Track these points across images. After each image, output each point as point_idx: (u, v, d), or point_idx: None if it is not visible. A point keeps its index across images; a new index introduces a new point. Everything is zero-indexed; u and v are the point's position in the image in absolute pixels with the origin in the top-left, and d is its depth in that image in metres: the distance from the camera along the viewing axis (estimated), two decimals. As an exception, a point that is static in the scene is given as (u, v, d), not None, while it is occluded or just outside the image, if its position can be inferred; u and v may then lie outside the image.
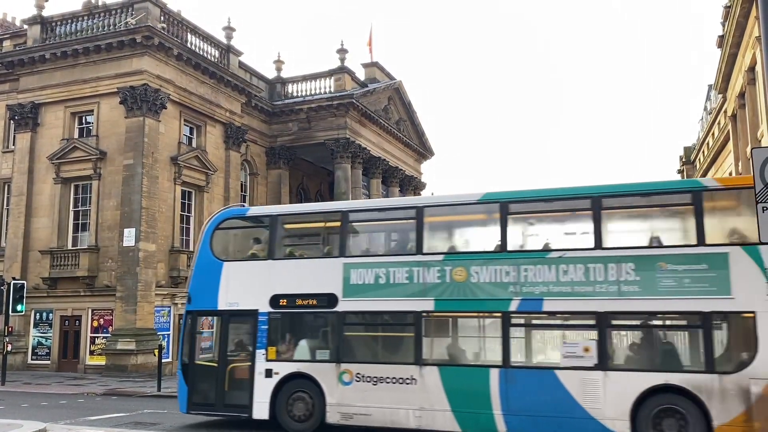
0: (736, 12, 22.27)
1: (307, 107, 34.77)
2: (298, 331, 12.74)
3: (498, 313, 11.29)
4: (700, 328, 10.20)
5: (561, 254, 11.06)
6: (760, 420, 9.60)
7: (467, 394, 11.16)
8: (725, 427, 9.73)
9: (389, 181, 41.09)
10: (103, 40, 25.86)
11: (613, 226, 11.55)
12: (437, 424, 11.21)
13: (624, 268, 10.60)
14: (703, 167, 39.44)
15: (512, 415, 10.81)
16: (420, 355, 11.57)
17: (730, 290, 10.02)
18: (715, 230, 10.60)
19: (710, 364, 9.99)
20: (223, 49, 30.77)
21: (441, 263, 11.72)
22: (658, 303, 10.47)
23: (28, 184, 27.00)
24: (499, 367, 11.04)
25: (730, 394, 9.75)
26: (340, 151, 34.37)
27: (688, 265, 10.27)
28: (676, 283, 10.29)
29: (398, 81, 41.05)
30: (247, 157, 33.39)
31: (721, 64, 27.17)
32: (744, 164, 25.97)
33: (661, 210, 11.76)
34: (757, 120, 23.72)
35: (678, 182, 11.00)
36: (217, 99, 29.76)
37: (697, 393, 9.89)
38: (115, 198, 25.30)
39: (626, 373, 10.49)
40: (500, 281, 11.27)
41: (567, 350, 10.87)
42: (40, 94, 27.31)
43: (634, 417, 10.18)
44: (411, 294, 11.77)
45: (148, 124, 25.47)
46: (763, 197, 6.96)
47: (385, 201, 17.06)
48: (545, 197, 12.20)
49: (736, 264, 10.04)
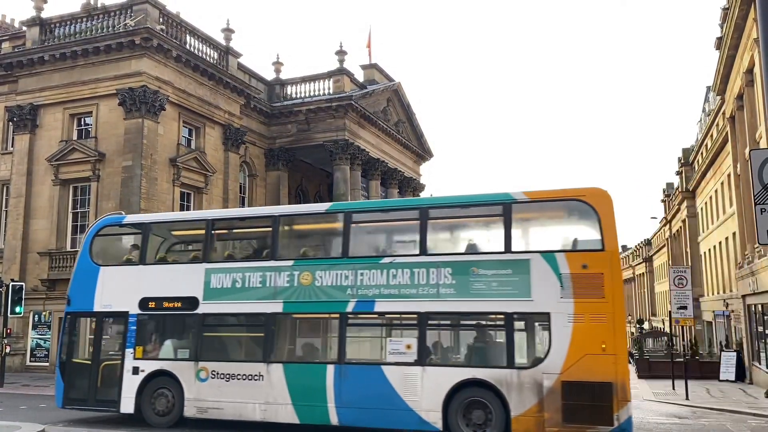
0: (735, 14, 22.29)
1: (306, 109, 34.77)
2: (163, 331, 13.66)
3: (336, 314, 12.24)
4: (503, 327, 11.21)
5: (391, 260, 12.18)
6: (549, 411, 10.57)
7: (306, 389, 12.07)
8: (520, 417, 10.69)
9: (388, 182, 41.09)
10: (102, 41, 25.86)
11: (436, 234, 12.71)
12: (279, 417, 12.16)
13: (443, 273, 11.61)
14: (702, 169, 39.45)
15: (344, 408, 11.71)
16: (267, 354, 12.49)
17: (530, 293, 11.02)
18: (521, 239, 11.76)
19: (511, 360, 10.98)
20: (222, 51, 30.77)
21: (291, 268, 12.65)
22: (470, 304, 11.45)
23: (27, 185, 26.98)
24: (335, 363, 11.97)
25: (526, 387, 10.73)
26: (339, 153, 34.36)
27: (496, 270, 11.32)
28: (485, 286, 11.30)
29: (397, 82, 41.06)
30: (246, 158, 33.39)
31: (720, 65, 27.20)
32: (742, 166, 26.00)
33: (477, 220, 13.02)
34: (755, 122, 23.75)
35: (491, 195, 12.17)
36: (216, 100, 29.75)
37: (499, 386, 10.86)
38: (114, 199, 25.27)
39: (440, 369, 11.49)
40: (340, 285, 12.25)
41: (392, 347, 11.85)
42: (38, 95, 27.31)
43: (446, 408, 11.10)
44: (263, 297, 12.70)
45: (146, 125, 25.46)
46: (761, 199, 6.97)
47: (245, 210, 19.09)
48: (382, 208, 14.32)
49: (536, 269, 11.04)
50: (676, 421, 16.14)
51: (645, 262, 78.20)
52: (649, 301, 76.25)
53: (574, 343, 10.64)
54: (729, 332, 34.43)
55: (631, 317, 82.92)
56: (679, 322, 22.61)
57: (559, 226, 12.45)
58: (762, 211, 6.92)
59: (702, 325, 43.42)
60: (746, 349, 27.85)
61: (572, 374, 10.56)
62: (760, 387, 23.88)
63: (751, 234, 24.68)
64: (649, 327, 67.25)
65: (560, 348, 10.68)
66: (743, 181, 25.88)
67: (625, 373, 10.67)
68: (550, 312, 10.85)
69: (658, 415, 17.17)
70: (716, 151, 34.00)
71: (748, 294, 25.96)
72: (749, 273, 24.98)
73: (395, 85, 40.81)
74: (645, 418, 16.40)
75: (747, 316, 27.28)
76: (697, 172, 41.82)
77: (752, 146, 23.11)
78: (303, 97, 35.81)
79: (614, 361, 10.51)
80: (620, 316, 10.82)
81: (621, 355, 10.68)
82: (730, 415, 17.22)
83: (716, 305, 36.98)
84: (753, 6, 19.76)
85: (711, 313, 39.78)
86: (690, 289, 22.20)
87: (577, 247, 11.28)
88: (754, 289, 24.38)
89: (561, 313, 10.77)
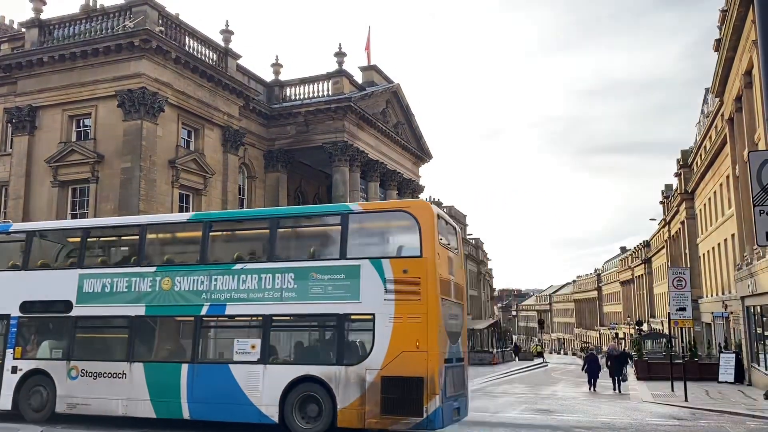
0: (733, 16, 22.32)
1: (305, 110, 34.76)
2: (41, 333, 14.64)
3: (192, 317, 13.25)
4: (335, 327, 12.26)
5: (242, 266, 13.14)
6: (370, 404, 11.55)
7: (163, 386, 13.03)
8: (345, 410, 11.63)
9: (387, 184, 41.09)
10: (101, 43, 25.85)
11: (283, 242, 13.83)
12: (139, 412, 13.14)
13: (286, 278, 12.62)
14: (701, 170, 39.47)
15: (195, 403, 12.69)
16: (130, 354, 13.50)
17: (359, 296, 12.05)
18: (356, 246, 12.65)
19: (340, 358, 12.00)
20: (221, 53, 30.77)
21: (153, 274, 13.69)
22: (308, 306, 12.46)
23: (26, 187, 26.95)
24: (189, 363, 12.97)
25: (351, 383, 11.71)
26: (338, 155, 34.36)
27: (331, 275, 12.35)
28: (322, 290, 12.32)
29: (396, 84, 41.07)
30: (245, 160, 33.38)
31: (718, 67, 27.22)
32: (741, 167, 26.02)
33: (319, 229, 14.18)
34: (754, 123, 23.77)
35: (332, 206, 14.51)
36: (215, 102, 29.75)
37: (329, 382, 11.83)
38: (113, 201, 25.24)
39: (280, 366, 12.49)
40: (196, 289, 13.25)
41: (238, 348, 12.82)
42: (37, 97, 27.29)
43: (283, 403, 12.07)
44: (129, 301, 13.71)
45: (145, 127, 25.45)
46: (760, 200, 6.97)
47: (115, 219, 19.67)
48: (237, 218, 15.54)
49: (365, 274, 12.06)
50: (675, 422, 16.14)
51: (644, 263, 78.21)
52: (648, 303, 76.24)
53: (393, 341, 11.65)
54: (728, 334, 34.42)
55: (630, 319, 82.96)
56: (678, 324, 22.62)
57: (387, 234, 13.50)
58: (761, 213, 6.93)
59: (701, 326, 43.41)
60: (745, 350, 27.86)
61: (390, 370, 11.54)
62: (759, 388, 23.89)
63: (750, 235, 24.69)
64: (648, 328, 67.30)
65: (382, 346, 11.69)
66: (742, 183, 25.90)
67: (435, 368, 11.48)
68: (375, 313, 11.86)
69: (657, 417, 17.18)
70: (715, 153, 34.02)
71: (746, 295, 25.96)
72: (748, 274, 24.99)
73: (394, 86, 40.82)
74: (644, 420, 16.42)
75: (746, 318, 27.29)
76: (696, 174, 41.84)
77: (751, 148, 23.12)
78: (302, 98, 35.81)
79: (426, 358, 11.46)
80: (433, 316, 11.73)
81: (432, 351, 11.55)
82: (729, 417, 17.23)
83: (715, 307, 36.98)
84: (751, 8, 19.80)
85: (710, 315, 39.77)
86: (689, 290, 22.20)
87: (400, 254, 12.36)
88: (753, 291, 24.39)
89: (384, 314, 11.80)
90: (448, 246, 13.19)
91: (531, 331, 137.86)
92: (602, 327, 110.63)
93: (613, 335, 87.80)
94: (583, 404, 20.93)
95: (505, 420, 15.98)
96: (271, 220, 13.68)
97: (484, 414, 17.12)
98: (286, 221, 14.18)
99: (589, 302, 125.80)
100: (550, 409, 19.01)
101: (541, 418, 16.66)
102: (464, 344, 13.65)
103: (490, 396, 23.19)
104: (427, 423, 11.28)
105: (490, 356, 46.55)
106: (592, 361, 27.73)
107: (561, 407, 19.62)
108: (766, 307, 23.86)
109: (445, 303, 12.36)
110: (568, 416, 17.09)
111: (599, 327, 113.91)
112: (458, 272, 13.68)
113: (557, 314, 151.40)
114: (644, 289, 78.89)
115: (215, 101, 29.73)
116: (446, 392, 11.75)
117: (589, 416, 17.15)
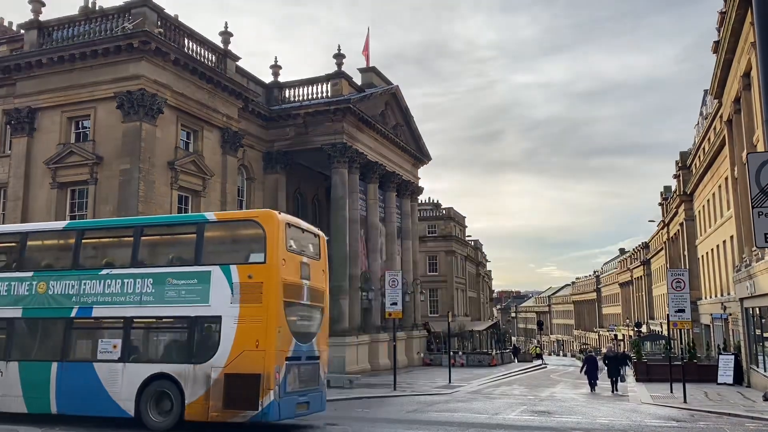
0: (732, 18, 22.34)
1: (304, 112, 34.77)
2: None
3: (63, 319, 14.29)
4: (187, 328, 13.33)
5: (108, 271, 14.27)
6: (214, 399, 12.61)
7: (35, 383, 14.02)
8: (192, 405, 12.71)
9: (386, 185, 41.10)
10: (100, 45, 25.83)
11: (146, 249, 14.77)
12: (12, 408, 14.10)
13: (146, 283, 13.75)
14: (699, 172, 39.51)
15: (62, 398, 13.77)
16: (7, 353, 14.47)
17: (209, 299, 13.15)
18: (209, 253, 13.79)
19: (190, 357, 13.06)
20: (220, 54, 30.77)
21: (30, 279, 14.74)
22: (164, 309, 13.62)
23: (24, 189, 26.90)
24: (59, 361, 14.02)
25: (198, 380, 12.80)
26: (338, 156, 34.37)
27: (186, 280, 13.49)
28: (176, 294, 13.45)
29: (395, 86, 41.10)
30: (244, 161, 33.37)
31: (717, 69, 27.25)
32: (740, 169, 26.04)
33: (178, 237, 15.20)
34: (752, 125, 23.78)
35: (190, 216, 15.87)
36: (214, 104, 29.75)
37: (179, 379, 12.91)
38: (112, 203, 25.22)
39: (137, 365, 13.49)
40: (67, 293, 14.35)
41: (102, 347, 13.91)
42: (36, 98, 27.26)
43: (139, 398, 13.13)
44: (7, 304, 14.76)
45: (144, 128, 25.43)
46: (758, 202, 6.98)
47: (1, 227, 21.06)
48: (107, 227, 16.52)
49: (215, 279, 13.19)
50: (674, 424, 16.15)
51: (643, 265, 78.23)
52: (647, 305, 76.26)
53: (237, 341, 12.75)
54: (727, 335, 34.44)
55: (629, 320, 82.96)
56: (677, 325, 22.60)
57: (238, 242, 14.51)
58: (759, 214, 6.94)
59: (700, 328, 43.42)
60: (744, 352, 27.87)
61: (233, 367, 12.64)
62: (758, 390, 23.90)
63: (748, 237, 24.71)
64: (647, 330, 67.30)
65: (226, 345, 12.80)
66: (741, 185, 25.91)
67: (271, 366, 12.52)
68: (222, 315, 12.97)
69: (655, 419, 17.18)
70: (714, 155, 34.05)
71: (745, 297, 25.98)
72: (747, 276, 25.00)
73: (393, 88, 40.84)
74: (643, 422, 16.41)
75: (745, 319, 27.30)
76: (695, 176, 41.87)
77: (749, 150, 23.14)
78: (301, 100, 35.81)
79: (263, 356, 12.53)
80: (272, 318, 12.79)
81: (270, 350, 12.60)
82: (728, 419, 17.24)
83: (714, 308, 37.00)
84: (750, 10, 19.84)
85: (709, 316, 39.79)
86: (688, 292, 22.21)
87: (248, 261, 13.42)
88: (751, 292, 24.40)
89: (230, 316, 12.90)
90: (303, 252, 14.32)
91: (530, 333, 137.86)
92: (601, 329, 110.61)
93: (612, 337, 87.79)
94: (582, 406, 20.92)
95: (503, 422, 15.97)
96: (135, 228, 14.96)
97: (482, 416, 17.12)
98: (149, 230, 15.28)
99: (588, 304, 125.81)
100: (549, 410, 19.00)
101: (540, 419, 16.65)
102: (322, 343, 14.66)
103: (489, 398, 23.18)
104: (262, 416, 12.39)
105: (489, 358, 46.52)
106: (591, 362, 27.77)
107: (560, 409, 19.62)
108: (765, 308, 23.86)
109: (294, 306, 13.53)
110: (567, 418, 17.08)
111: (598, 329, 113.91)
112: (317, 276, 14.65)
113: (556, 316, 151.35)
114: (643, 291, 78.91)
115: (214, 103, 29.72)
116: (286, 388, 12.82)
117: (588, 418, 17.15)
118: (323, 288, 14.97)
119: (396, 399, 22.09)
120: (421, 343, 45.08)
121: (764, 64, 6.84)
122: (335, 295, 33.99)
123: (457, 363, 41.82)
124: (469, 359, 44.94)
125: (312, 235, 15.13)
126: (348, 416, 16.51)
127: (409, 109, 42.90)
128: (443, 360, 40.00)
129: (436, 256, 67.98)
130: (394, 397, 22.78)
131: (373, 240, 38.79)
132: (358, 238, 36.63)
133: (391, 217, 41.49)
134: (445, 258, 68.10)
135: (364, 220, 38.01)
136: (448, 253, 68.20)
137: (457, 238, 70.55)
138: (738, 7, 21.34)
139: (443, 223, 69.49)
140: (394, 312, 25.58)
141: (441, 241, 68.26)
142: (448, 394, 24.04)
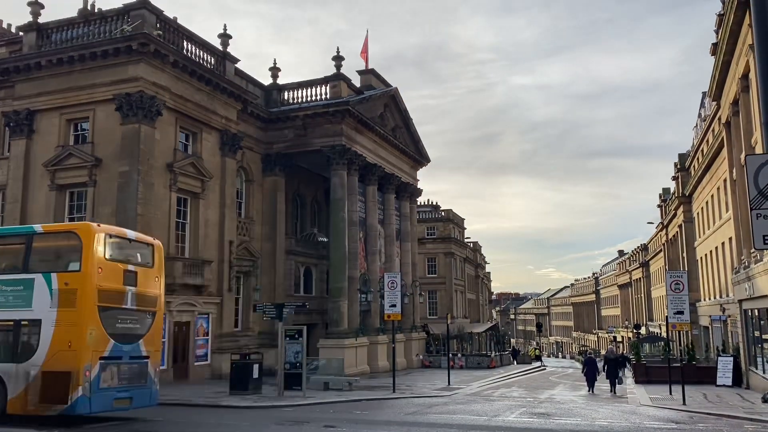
0: (730, 20, 22.37)
1: (303, 114, 34.77)
2: None
3: None
4: (12, 331, 14.67)
5: None
6: (32, 394, 13.94)
7: None
8: (13, 400, 14.11)
9: (385, 187, 41.12)
10: (99, 47, 25.83)
11: None
12: None
13: None
14: (698, 174, 39.53)
15: None
16: None
17: (32, 304, 14.55)
18: (35, 262, 15.09)
19: (14, 357, 14.44)
20: (219, 56, 30.78)
21: None
22: None
23: (23, 191, 26.90)
24: None
25: (20, 377, 14.15)
26: (336, 158, 34.37)
27: (13, 286, 14.91)
28: (5, 299, 14.91)
29: (394, 88, 41.13)
30: (243, 163, 33.36)
31: (715, 71, 27.27)
32: (738, 171, 26.06)
33: (9, 246, 16.36)
34: (750, 127, 23.81)
35: (21, 228, 18.55)
36: (213, 106, 29.74)
37: (4, 376, 14.28)
38: (111, 205, 25.21)
39: None
40: None
41: None
42: (35, 100, 27.26)
43: None
44: None
45: (143, 131, 25.43)
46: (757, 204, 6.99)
47: None
48: None
49: (38, 286, 14.56)
50: (673, 426, 16.14)
51: (642, 267, 78.25)
52: (646, 306, 76.28)
53: (54, 342, 14.09)
54: (726, 337, 34.43)
55: (628, 322, 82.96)
56: (676, 327, 22.59)
57: (61, 252, 15.58)
58: (758, 216, 6.95)
59: (699, 330, 43.43)
60: (743, 354, 27.87)
61: (49, 366, 13.98)
62: (757, 392, 23.90)
63: (747, 239, 24.72)
64: (646, 332, 67.29)
65: (44, 346, 14.14)
66: (739, 186, 25.93)
67: (81, 365, 13.81)
68: (42, 319, 14.29)
69: (655, 420, 17.18)
70: (712, 157, 34.08)
71: (744, 299, 25.98)
72: (745, 278, 25.01)
73: (392, 90, 40.88)
74: (642, 424, 16.41)
75: (743, 321, 27.30)
76: (694, 178, 41.89)
77: (748, 151, 23.17)
78: (300, 102, 35.82)
79: (75, 356, 13.87)
80: (84, 321, 14.08)
81: (81, 351, 13.91)
82: (727, 420, 17.24)
83: (713, 310, 37.01)
84: (748, 12, 19.86)
85: (708, 318, 39.80)
86: (686, 293, 22.21)
87: (66, 269, 14.70)
88: (750, 294, 24.41)
89: (49, 320, 14.23)
90: (127, 260, 15.59)
91: (529, 335, 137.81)
92: (600, 330, 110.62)
93: (611, 339, 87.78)
94: (581, 408, 20.91)
95: (503, 424, 15.96)
96: None
97: (482, 418, 17.11)
98: None
99: (587, 306, 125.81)
100: (548, 412, 18.99)
101: (539, 421, 16.63)
102: (152, 344, 15.87)
103: (489, 400, 23.16)
104: (71, 409, 13.69)
105: (489, 360, 46.44)
106: (591, 364, 27.80)
107: (559, 411, 19.60)
108: (764, 310, 23.86)
109: (113, 310, 14.75)
110: (566, 420, 17.06)
111: (597, 330, 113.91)
112: (146, 283, 15.82)
113: (555, 318, 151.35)
114: (642, 293, 78.93)
115: (213, 105, 29.72)
116: (99, 384, 14.10)
117: (587, 420, 17.13)
118: (155, 293, 16.14)
119: (395, 401, 22.07)
120: (420, 345, 45.06)
121: (762, 66, 6.85)
122: (334, 296, 34.05)
123: (456, 365, 41.80)
124: (469, 361, 44.90)
125: (144, 245, 16.53)
126: (347, 418, 16.50)
127: (407, 111, 42.93)
128: (442, 362, 39.99)
129: (435, 258, 67.99)
130: (393, 399, 22.76)
131: (372, 242, 38.79)
132: (357, 239, 36.64)
133: (390, 218, 41.51)
134: (444, 260, 68.12)
135: (363, 221, 38.03)
136: (447, 255, 68.22)
137: (455, 239, 70.57)
138: (736, 9, 21.38)
139: (442, 224, 69.53)
140: (393, 314, 25.56)
141: (440, 243, 68.28)
142: (448, 396, 24.03)
